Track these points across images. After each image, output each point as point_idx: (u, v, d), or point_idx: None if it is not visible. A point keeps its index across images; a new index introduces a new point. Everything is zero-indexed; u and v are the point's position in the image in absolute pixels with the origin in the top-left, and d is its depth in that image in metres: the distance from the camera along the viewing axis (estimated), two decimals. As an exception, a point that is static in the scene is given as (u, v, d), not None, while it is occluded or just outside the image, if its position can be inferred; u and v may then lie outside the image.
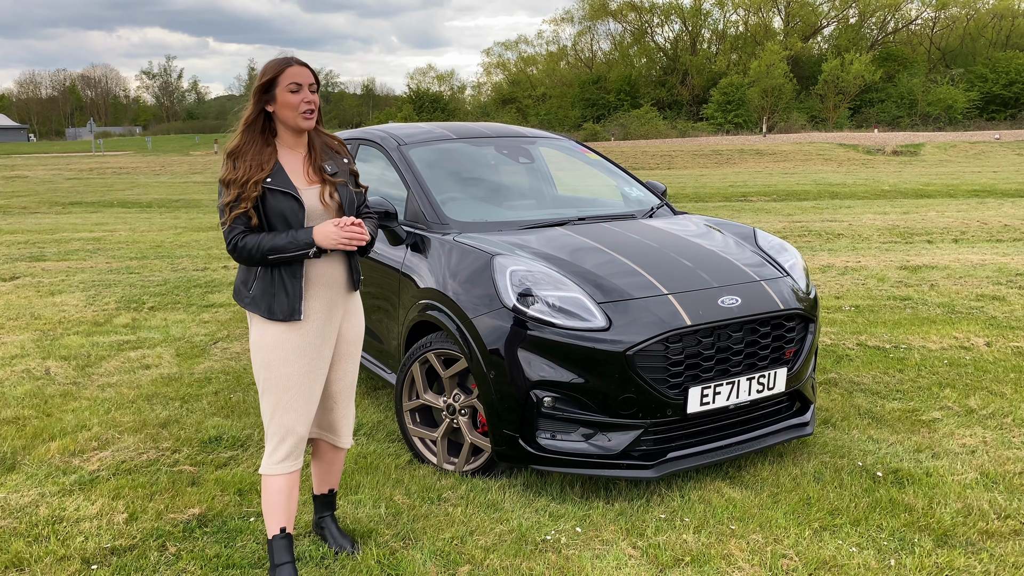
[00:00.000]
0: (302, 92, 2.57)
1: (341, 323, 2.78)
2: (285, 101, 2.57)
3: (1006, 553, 2.91)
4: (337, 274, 2.73)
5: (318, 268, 2.67)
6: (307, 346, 2.66)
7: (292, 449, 2.68)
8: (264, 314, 2.62)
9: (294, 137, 2.66)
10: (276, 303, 2.61)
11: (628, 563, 2.86)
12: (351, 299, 2.82)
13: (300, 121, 2.60)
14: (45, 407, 4.49)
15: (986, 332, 5.81)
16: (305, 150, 2.69)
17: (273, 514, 2.71)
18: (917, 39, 65.46)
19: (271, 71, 2.56)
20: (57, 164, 33.82)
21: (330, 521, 3.02)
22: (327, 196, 2.64)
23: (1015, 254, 9.15)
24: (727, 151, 32.28)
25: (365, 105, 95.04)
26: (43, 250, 10.58)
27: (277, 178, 2.58)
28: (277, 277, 2.61)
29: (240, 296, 2.70)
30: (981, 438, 3.93)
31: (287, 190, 2.58)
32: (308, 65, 2.61)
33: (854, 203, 15.64)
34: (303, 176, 2.65)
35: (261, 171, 2.55)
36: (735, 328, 3.35)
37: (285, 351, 2.64)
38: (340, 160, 2.75)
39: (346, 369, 2.84)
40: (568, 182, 5.27)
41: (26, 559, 2.89)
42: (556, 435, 3.27)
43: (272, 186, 2.56)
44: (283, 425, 2.67)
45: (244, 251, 2.55)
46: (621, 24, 70.57)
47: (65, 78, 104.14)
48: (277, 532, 2.71)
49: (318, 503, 3.04)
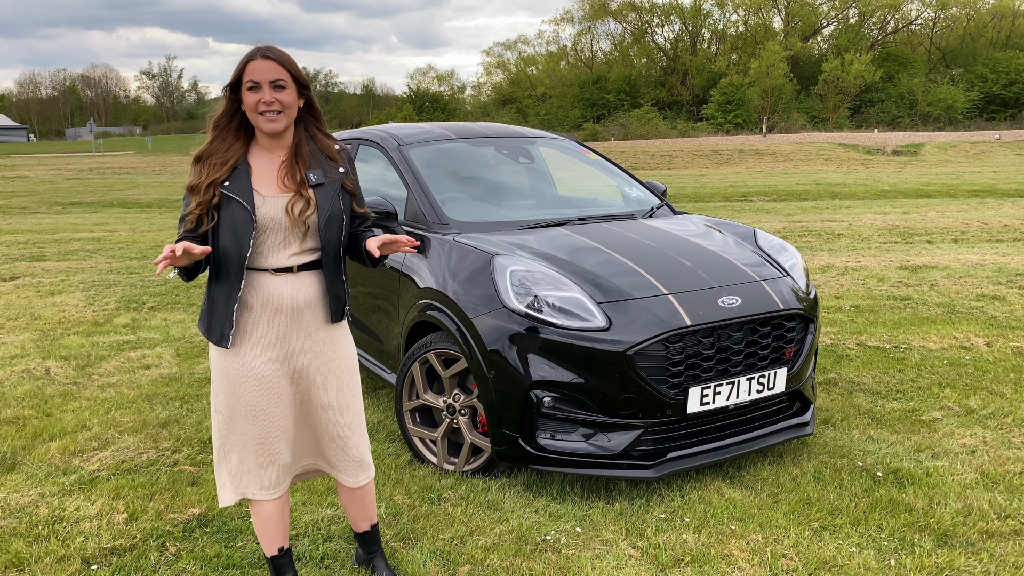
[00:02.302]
0: (260, 91, 2.24)
1: (316, 353, 2.40)
2: (246, 100, 2.25)
3: (1006, 553, 2.91)
4: (305, 297, 2.36)
5: (278, 287, 2.33)
6: (262, 376, 2.34)
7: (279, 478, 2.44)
8: (204, 334, 2.37)
9: (269, 139, 2.33)
10: (213, 323, 2.33)
11: (628, 563, 2.86)
12: (330, 326, 2.43)
13: (261, 124, 2.27)
14: (45, 407, 4.49)
15: (986, 332, 5.81)
16: (286, 154, 2.35)
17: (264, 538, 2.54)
18: (917, 39, 65.45)
19: (237, 69, 2.26)
20: (57, 164, 33.81)
21: (380, 559, 2.75)
22: (294, 208, 2.28)
23: (1015, 254, 9.15)
24: (727, 151, 32.27)
25: (365, 105, 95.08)
26: (43, 250, 10.58)
27: (236, 183, 2.26)
28: (214, 296, 2.32)
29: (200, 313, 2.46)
30: (981, 438, 3.93)
31: (240, 198, 2.24)
32: (278, 58, 2.27)
33: (854, 203, 15.64)
34: (275, 183, 2.31)
35: (220, 170, 2.25)
36: (735, 328, 3.35)
37: (245, 379, 2.34)
38: (333, 168, 2.38)
39: (341, 404, 2.46)
40: (568, 182, 5.27)
41: (26, 559, 2.89)
42: (556, 435, 3.27)
43: (228, 191, 2.25)
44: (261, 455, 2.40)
45: None
46: (621, 24, 70.65)
47: (65, 78, 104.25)
48: (276, 553, 2.57)
49: (364, 540, 2.75)
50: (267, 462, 2.41)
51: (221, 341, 2.31)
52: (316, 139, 2.41)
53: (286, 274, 2.33)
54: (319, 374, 2.42)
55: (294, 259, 2.34)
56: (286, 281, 2.33)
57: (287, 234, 2.30)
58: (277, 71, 2.25)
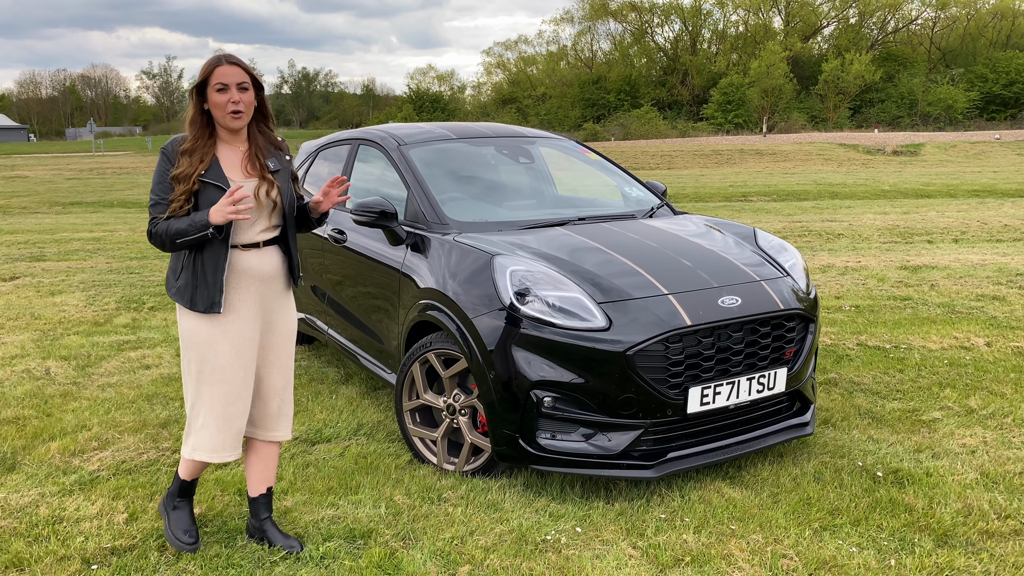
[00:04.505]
0: (229, 92, 2.60)
1: (274, 318, 2.81)
2: (214, 101, 2.61)
3: (1006, 553, 2.91)
4: (270, 268, 2.77)
5: (248, 261, 2.71)
6: (239, 339, 2.71)
7: (235, 439, 2.78)
8: (186, 304, 2.66)
9: (230, 133, 2.70)
10: (198, 294, 2.65)
11: (628, 563, 2.86)
12: (286, 295, 2.87)
13: (228, 121, 2.64)
14: (45, 407, 4.49)
15: (986, 332, 5.81)
16: (245, 145, 2.73)
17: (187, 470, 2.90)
18: (917, 39, 65.45)
19: (203, 72, 2.62)
20: (57, 164, 33.81)
21: (271, 524, 2.97)
22: (263, 192, 2.68)
23: (1015, 254, 9.15)
24: (727, 151, 32.27)
25: (365, 105, 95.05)
26: (43, 250, 10.58)
27: (212, 172, 2.63)
28: (199, 268, 2.65)
29: (168, 286, 2.75)
30: (981, 438, 3.93)
31: (218, 183, 2.62)
32: (240, 63, 2.64)
33: (854, 203, 15.64)
34: (240, 170, 2.69)
35: (200, 164, 2.61)
36: (735, 328, 3.35)
37: (218, 344, 2.68)
38: (282, 158, 2.80)
39: (282, 364, 2.86)
40: (568, 182, 5.27)
41: (26, 559, 2.89)
42: (556, 435, 3.27)
43: (206, 179, 2.61)
44: (223, 417, 2.72)
45: (156, 237, 2.62)
46: (621, 24, 70.63)
47: (65, 78, 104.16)
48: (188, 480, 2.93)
49: (257, 505, 2.98)
50: (226, 425, 2.74)
51: (212, 308, 2.64)
52: (264, 133, 2.79)
53: (253, 249, 2.72)
54: (275, 337, 2.82)
55: (262, 235, 2.74)
56: (254, 255, 2.73)
57: (257, 214, 2.69)
58: (241, 75, 2.63)
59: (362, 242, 4.33)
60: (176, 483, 2.96)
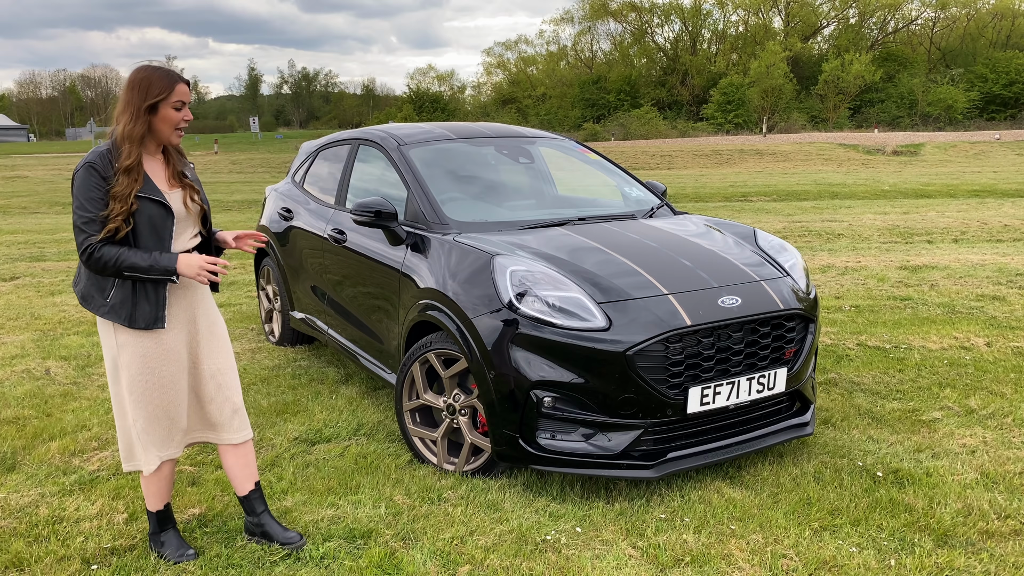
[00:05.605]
0: (184, 111, 2.65)
1: (201, 321, 2.82)
2: (167, 116, 2.62)
3: (1006, 553, 2.91)
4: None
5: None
6: (178, 345, 2.73)
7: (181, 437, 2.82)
8: (124, 322, 2.63)
9: (155, 145, 2.70)
10: (138, 311, 2.64)
11: (628, 563, 2.86)
12: (212, 298, 2.91)
13: (173, 137, 2.67)
14: (45, 407, 4.49)
15: (986, 332, 5.81)
16: (161, 156, 2.73)
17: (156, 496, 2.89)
18: (917, 39, 65.46)
19: (160, 89, 2.58)
20: (57, 164, 33.79)
21: (268, 517, 2.97)
22: (189, 200, 2.72)
23: (1015, 254, 9.15)
24: (727, 151, 32.28)
25: (365, 105, 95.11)
26: (43, 250, 10.58)
27: (146, 186, 2.62)
28: (139, 286, 2.64)
29: (93, 303, 2.66)
30: (981, 438, 3.93)
31: (155, 197, 2.62)
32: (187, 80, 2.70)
33: (854, 203, 15.64)
34: (165, 182, 2.69)
35: (139, 180, 2.59)
36: (735, 328, 3.35)
37: (159, 356, 2.69)
38: (188, 165, 2.82)
39: (221, 364, 2.85)
40: (568, 182, 5.27)
41: (26, 559, 2.89)
42: (556, 435, 3.27)
43: (142, 194, 2.59)
44: (168, 418, 2.75)
45: (100, 262, 2.55)
46: (621, 24, 70.63)
47: (65, 78, 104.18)
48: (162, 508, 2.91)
49: (250, 502, 2.97)
50: (172, 427, 2.78)
51: (156, 323, 2.65)
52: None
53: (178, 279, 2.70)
54: (212, 339, 2.83)
55: (191, 242, 2.78)
56: None
57: (186, 222, 2.74)
58: (188, 92, 2.69)
59: (362, 242, 4.33)
60: (152, 520, 2.92)
